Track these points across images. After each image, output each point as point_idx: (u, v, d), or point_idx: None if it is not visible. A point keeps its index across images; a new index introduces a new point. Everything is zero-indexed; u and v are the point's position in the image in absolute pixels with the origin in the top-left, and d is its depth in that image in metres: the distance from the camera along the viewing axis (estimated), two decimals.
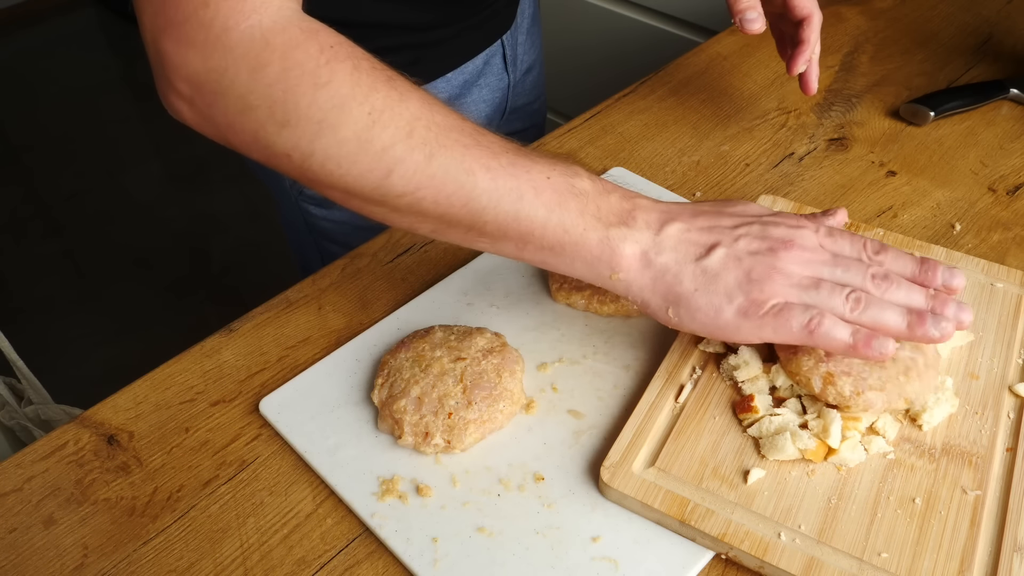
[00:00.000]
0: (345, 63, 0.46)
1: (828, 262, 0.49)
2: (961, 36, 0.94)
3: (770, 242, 0.49)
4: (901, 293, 0.49)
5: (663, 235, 0.50)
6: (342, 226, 0.90)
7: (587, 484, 0.51)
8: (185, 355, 0.62)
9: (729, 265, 0.49)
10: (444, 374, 0.55)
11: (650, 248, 0.49)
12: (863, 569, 0.44)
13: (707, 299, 0.48)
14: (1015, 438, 0.50)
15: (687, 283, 0.49)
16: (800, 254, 0.49)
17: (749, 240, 0.50)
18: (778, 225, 0.51)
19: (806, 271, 0.49)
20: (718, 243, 0.50)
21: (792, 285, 0.48)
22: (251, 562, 0.49)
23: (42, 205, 2.50)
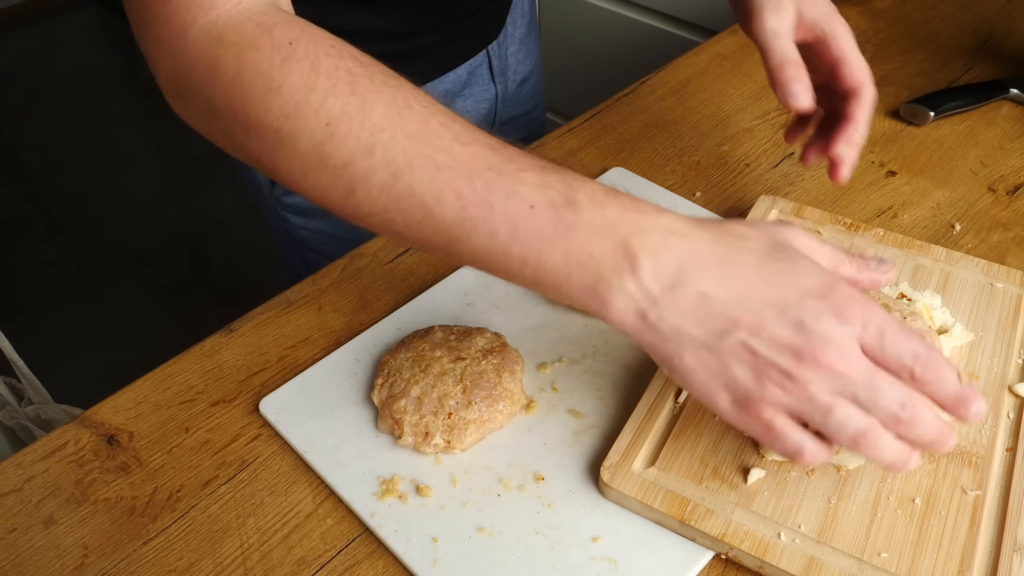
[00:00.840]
0: (302, 63, 0.42)
1: (858, 382, 0.39)
2: (961, 36, 0.94)
3: (801, 342, 0.39)
4: (922, 429, 0.40)
5: (675, 294, 0.40)
6: (320, 235, 0.87)
7: (587, 484, 0.51)
8: (185, 355, 0.62)
9: (742, 356, 0.40)
10: (444, 374, 0.55)
11: (649, 308, 0.40)
12: (863, 569, 0.44)
13: (705, 381, 0.41)
14: (1015, 438, 0.50)
15: (688, 360, 0.41)
16: (829, 370, 0.39)
17: (776, 328, 0.39)
18: (819, 317, 0.39)
19: (823, 394, 0.39)
20: (737, 325, 0.40)
21: (801, 401, 0.39)
22: (251, 562, 0.49)
23: (42, 205, 2.50)
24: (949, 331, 0.56)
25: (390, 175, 0.41)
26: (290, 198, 0.84)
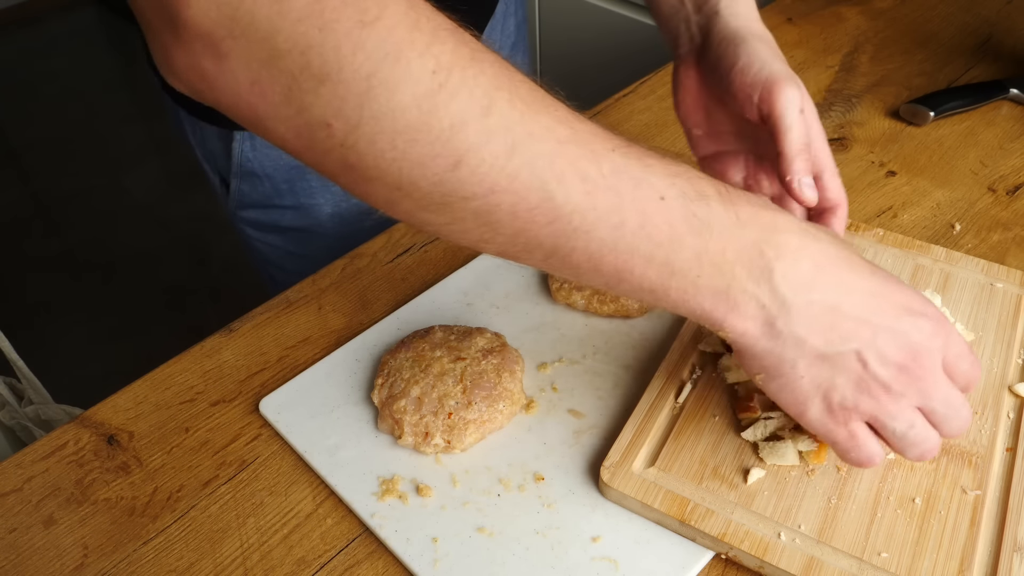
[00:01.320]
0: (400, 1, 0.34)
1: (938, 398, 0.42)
2: (961, 36, 0.94)
3: (905, 358, 0.41)
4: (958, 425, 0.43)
5: (805, 302, 0.39)
6: (276, 250, 0.86)
7: (587, 484, 0.51)
8: (185, 355, 0.62)
9: (852, 367, 0.40)
10: (444, 374, 0.55)
11: (779, 316, 0.39)
12: (863, 569, 0.44)
13: (807, 390, 0.41)
14: (1015, 438, 0.50)
15: (801, 368, 0.41)
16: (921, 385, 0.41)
17: (891, 344, 0.41)
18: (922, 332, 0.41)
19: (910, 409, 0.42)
20: (859, 336, 0.40)
21: (888, 413, 0.41)
22: (251, 562, 0.49)
23: (42, 205, 2.50)
24: None
25: (506, 145, 0.35)
26: (246, 212, 0.83)
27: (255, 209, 0.82)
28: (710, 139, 0.55)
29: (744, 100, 0.49)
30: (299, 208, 0.80)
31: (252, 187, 0.80)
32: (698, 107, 0.54)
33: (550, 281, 0.64)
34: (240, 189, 0.80)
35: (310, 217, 0.81)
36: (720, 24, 0.51)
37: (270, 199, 0.80)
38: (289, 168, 0.77)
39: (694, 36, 0.53)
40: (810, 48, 0.94)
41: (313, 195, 0.79)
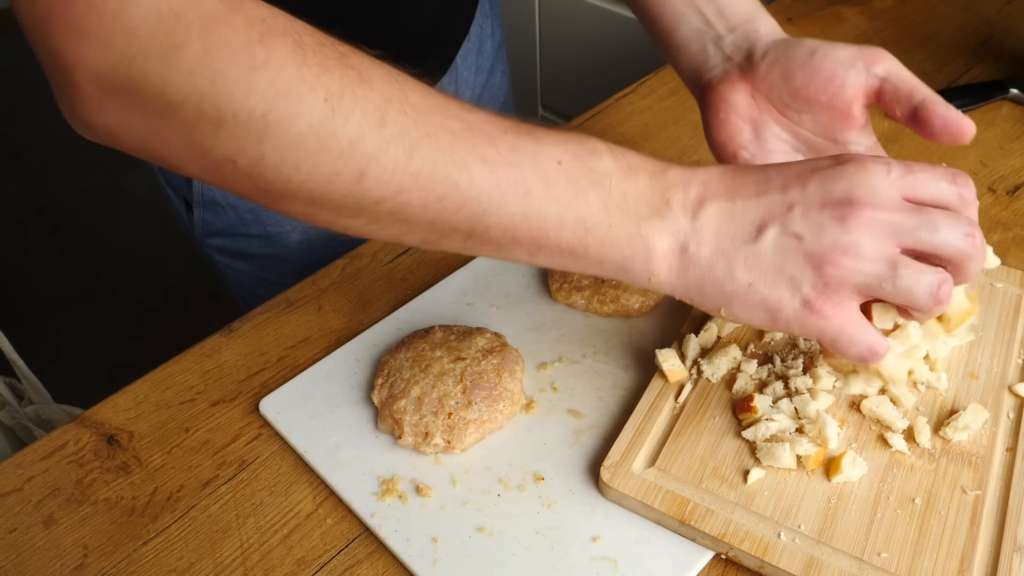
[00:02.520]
0: (284, 38, 0.36)
1: (909, 224, 0.39)
2: (961, 36, 0.94)
3: (833, 206, 0.39)
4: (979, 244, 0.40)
5: (703, 219, 0.41)
6: (245, 276, 0.85)
7: (587, 484, 0.51)
8: (185, 355, 0.62)
9: (786, 248, 0.40)
10: (444, 374, 0.55)
11: (690, 239, 0.41)
12: (863, 569, 0.44)
13: (765, 293, 0.40)
14: (1015, 438, 0.50)
15: (740, 276, 0.41)
16: (873, 216, 0.39)
17: (806, 211, 0.40)
18: (839, 177, 0.40)
19: (881, 246, 0.39)
20: (769, 219, 0.40)
21: (865, 266, 0.39)
22: (251, 562, 0.49)
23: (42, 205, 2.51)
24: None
25: (404, 149, 0.37)
26: (212, 239, 0.81)
27: (221, 237, 0.81)
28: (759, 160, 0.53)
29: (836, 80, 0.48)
30: (266, 236, 0.79)
31: (216, 216, 0.78)
32: (745, 125, 0.52)
33: (550, 281, 0.64)
34: (204, 218, 0.79)
35: (278, 245, 0.80)
36: (764, 33, 0.52)
37: (235, 228, 0.79)
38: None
39: (731, 55, 0.52)
40: None
41: (280, 223, 0.78)
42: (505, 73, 0.95)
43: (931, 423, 0.51)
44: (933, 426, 0.51)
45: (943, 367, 0.54)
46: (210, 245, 0.83)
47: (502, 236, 0.40)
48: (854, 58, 0.48)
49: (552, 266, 0.43)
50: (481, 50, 0.87)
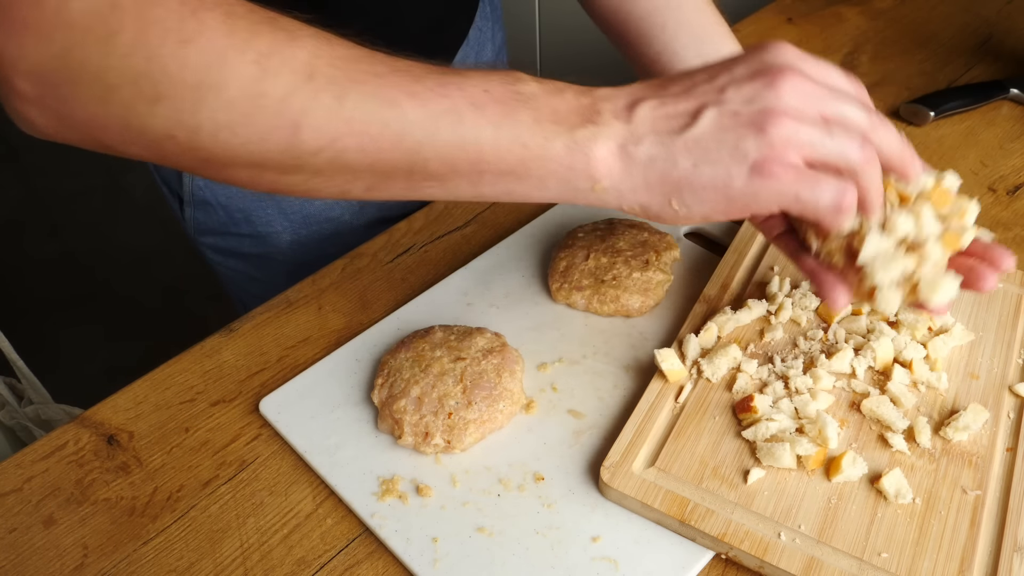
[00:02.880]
0: (214, 11, 0.38)
1: (828, 95, 0.42)
2: (961, 36, 0.94)
3: (763, 78, 0.41)
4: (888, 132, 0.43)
5: (636, 119, 0.42)
6: (238, 274, 0.85)
7: (587, 484, 0.51)
8: (185, 355, 0.62)
9: (725, 123, 0.41)
10: (444, 374, 0.55)
11: (627, 140, 0.41)
12: (863, 569, 0.44)
13: (712, 171, 0.41)
14: (1015, 438, 0.50)
15: (683, 162, 0.41)
16: (801, 83, 0.41)
17: (737, 87, 0.41)
18: (761, 55, 0.42)
19: (812, 105, 0.41)
20: (704, 104, 0.41)
21: (804, 125, 0.40)
22: (251, 562, 0.49)
23: (42, 205, 2.50)
24: (949, 331, 0.56)
25: (335, 97, 0.39)
26: (205, 237, 0.82)
27: (213, 235, 0.81)
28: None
29: None
30: (257, 236, 0.79)
31: (207, 215, 0.79)
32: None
33: (550, 281, 0.64)
34: (195, 217, 0.79)
35: (269, 244, 0.80)
36: None
37: (226, 227, 0.79)
38: (243, 197, 0.76)
39: None
40: (810, 48, 0.93)
41: (271, 223, 0.78)
42: None
43: (931, 423, 0.51)
44: (933, 426, 0.51)
45: (943, 367, 0.55)
46: (203, 243, 0.83)
47: (441, 167, 0.41)
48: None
49: (497, 196, 0.44)
50: (481, 54, 0.87)
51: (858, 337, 0.56)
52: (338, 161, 0.40)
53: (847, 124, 0.41)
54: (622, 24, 0.60)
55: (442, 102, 0.40)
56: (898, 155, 0.43)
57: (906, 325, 0.56)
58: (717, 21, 0.58)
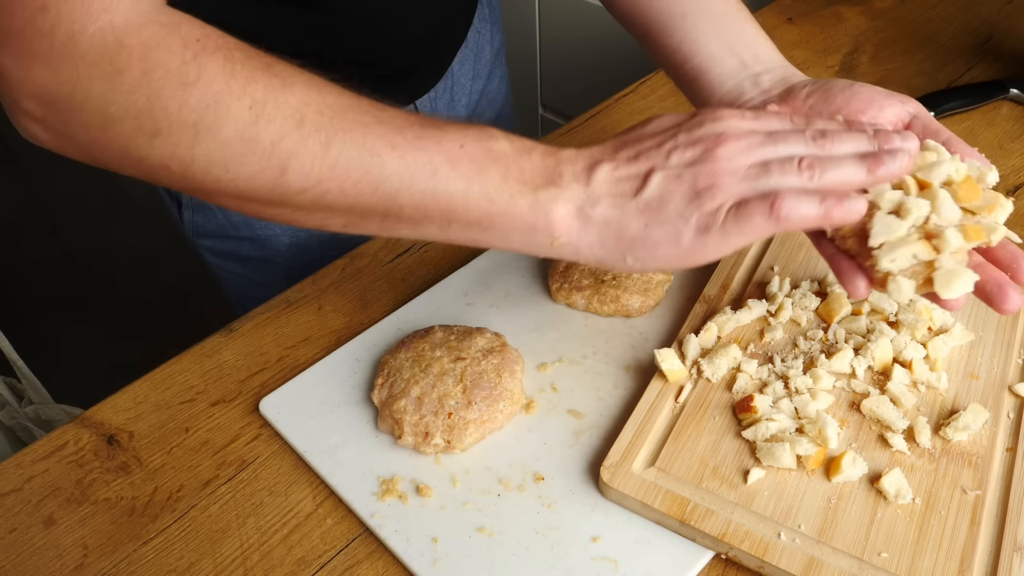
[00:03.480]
0: (215, 55, 0.41)
1: (766, 142, 0.45)
2: (961, 36, 0.94)
3: (702, 145, 0.45)
4: (846, 145, 0.45)
5: (594, 183, 0.45)
6: (236, 277, 0.85)
7: (587, 484, 0.51)
8: (185, 355, 0.62)
9: (671, 186, 0.44)
10: (444, 374, 0.55)
11: (584, 202, 0.45)
12: (863, 569, 0.44)
13: (662, 230, 0.44)
14: (1015, 438, 0.50)
15: (634, 224, 0.45)
16: (736, 144, 0.45)
17: (681, 151, 0.45)
18: (702, 123, 0.46)
19: (749, 159, 0.44)
20: (652, 169, 0.45)
21: (741, 179, 0.44)
22: (251, 562, 0.49)
23: (42, 205, 2.50)
24: (949, 331, 0.56)
25: (321, 143, 0.42)
26: (203, 240, 0.82)
27: (211, 238, 0.81)
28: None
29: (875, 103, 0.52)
30: (255, 239, 0.79)
31: (205, 218, 0.79)
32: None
33: (550, 281, 0.64)
34: (194, 220, 0.80)
35: (268, 247, 0.80)
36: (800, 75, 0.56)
37: (224, 230, 0.79)
38: None
39: (769, 88, 0.55)
40: (810, 48, 0.94)
41: (269, 226, 0.78)
42: (504, 78, 0.94)
43: (931, 423, 0.51)
44: (933, 426, 0.51)
45: (943, 367, 0.55)
46: (201, 245, 0.83)
47: (415, 213, 0.44)
48: (892, 93, 0.52)
49: (463, 241, 0.47)
50: (479, 56, 0.87)
51: (858, 337, 0.56)
52: (320, 201, 0.43)
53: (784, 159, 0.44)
54: (642, 16, 0.61)
55: (420, 155, 0.43)
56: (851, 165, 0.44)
57: (906, 325, 0.56)
58: (737, 7, 0.58)
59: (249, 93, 0.41)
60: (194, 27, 0.42)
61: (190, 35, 0.41)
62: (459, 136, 0.45)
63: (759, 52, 0.57)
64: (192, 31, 0.41)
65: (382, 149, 0.43)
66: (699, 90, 0.58)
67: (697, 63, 0.57)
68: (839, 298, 0.58)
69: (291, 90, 0.42)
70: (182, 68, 0.40)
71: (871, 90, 0.52)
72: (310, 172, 0.42)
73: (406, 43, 0.73)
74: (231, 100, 0.40)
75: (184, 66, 0.40)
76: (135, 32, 0.40)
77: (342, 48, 0.67)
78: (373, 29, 0.69)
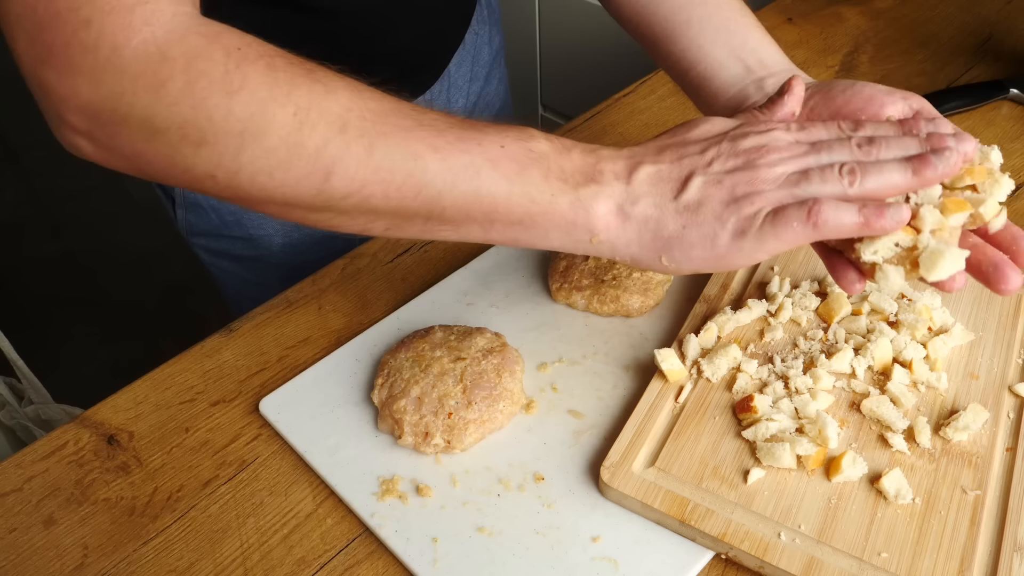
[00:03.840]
0: (257, 63, 0.41)
1: (809, 152, 0.45)
2: (961, 36, 0.94)
3: (745, 155, 0.45)
4: (893, 149, 0.45)
5: (635, 182, 0.46)
6: (232, 276, 0.86)
7: (587, 484, 0.51)
8: (185, 355, 0.62)
9: (710, 191, 0.45)
10: (444, 374, 0.55)
11: (624, 200, 0.45)
12: (863, 569, 0.44)
13: (698, 232, 0.45)
14: (1015, 438, 0.50)
15: (672, 224, 0.45)
16: (778, 155, 0.45)
17: (723, 159, 0.46)
18: (747, 135, 0.46)
19: (790, 168, 0.45)
20: (692, 172, 0.45)
21: (780, 187, 0.44)
22: (251, 562, 0.49)
23: (42, 205, 2.50)
24: (949, 331, 0.56)
25: (365, 148, 0.42)
26: (197, 239, 0.82)
27: (206, 237, 0.82)
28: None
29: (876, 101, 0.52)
30: (249, 239, 0.80)
31: (199, 218, 0.79)
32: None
33: (550, 281, 0.64)
34: (187, 219, 0.80)
35: (261, 247, 0.80)
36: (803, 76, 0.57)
37: (218, 229, 0.80)
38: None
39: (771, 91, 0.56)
40: (810, 48, 0.94)
41: (263, 226, 0.79)
42: (503, 80, 0.94)
43: (931, 423, 0.51)
44: (933, 426, 0.51)
45: (943, 367, 0.55)
46: (196, 244, 0.83)
47: (457, 214, 0.45)
48: (892, 90, 0.52)
49: (504, 241, 0.47)
50: (477, 58, 0.87)
51: (858, 337, 0.56)
52: (364, 205, 0.44)
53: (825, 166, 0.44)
54: (647, 25, 0.61)
55: (462, 157, 0.43)
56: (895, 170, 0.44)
57: (906, 325, 0.56)
58: (742, 12, 0.59)
59: (293, 100, 0.41)
60: (234, 36, 0.42)
61: (231, 44, 0.41)
62: (499, 137, 0.45)
63: (763, 57, 0.57)
64: (233, 40, 0.42)
65: (424, 152, 0.43)
66: (704, 96, 0.58)
67: (702, 70, 0.58)
68: (839, 298, 0.58)
69: (334, 96, 0.42)
70: (225, 77, 0.40)
71: (872, 88, 0.52)
72: (354, 176, 0.42)
73: (400, 46, 0.73)
74: (275, 107, 0.41)
75: (227, 75, 0.40)
76: (177, 43, 0.41)
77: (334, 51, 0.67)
78: (366, 32, 0.69)
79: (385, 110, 0.43)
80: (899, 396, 0.52)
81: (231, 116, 0.40)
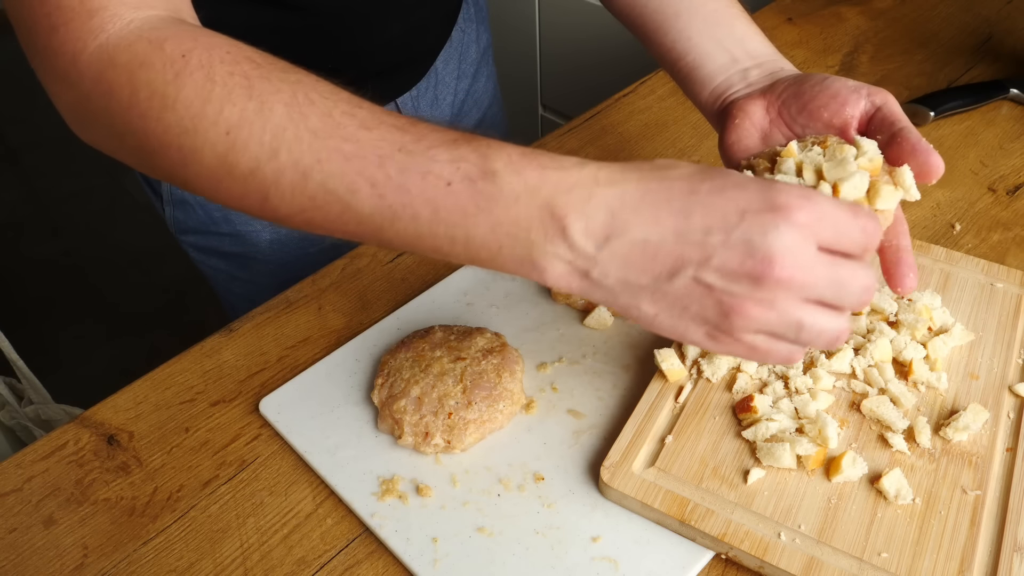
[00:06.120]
0: (195, 75, 0.40)
1: (821, 285, 0.38)
2: (961, 36, 0.94)
3: (752, 261, 0.37)
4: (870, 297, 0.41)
5: (609, 250, 0.39)
6: (221, 273, 0.86)
7: (587, 484, 0.51)
8: (185, 355, 0.62)
9: (696, 294, 0.39)
10: (444, 374, 0.55)
11: (590, 267, 0.39)
12: (863, 569, 0.44)
13: (671, 323, 0.40)
14: (1015, 438, 0.50)
15: (645, 308, 0.40)
16: (790, 283, 0.38)
17: (724, 256, 0.38)
18: (767, 231, 0.37)
19: (790, 310, 0.38)
20: (684, 262, 0.38)
21: (770, 322, 0.39)
22: (251, 562, 0.49)
23: (42, 205, 2.50)
24: (949, 331, 0.56)
25: (299, 175, 0.40)
26: (186, 236, 0.83)
27: (194, 234, 0.82)
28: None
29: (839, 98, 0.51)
30: (236, 235, 0.80)
31: (186, 214, 0.79)
32: (755, 131, 0.55)
33: None
34: (175, 216, 0.80)
35: (249, 244, 0.80)
36: (787, 68, 0.57)
37: (206, 226, 0.80)
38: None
39: (754, 82, 0.56)
40: (810, 48, 0.94)
41: (250, 222, 0.79)
42: (491, 77, 0.95)
43: (931, 423, 0.51)
44: (933, 426, 0.51)
45: (943, 367, 0.55)
46: (185, 242, 0.84)
47: (403, 245, 0.42)
48: (859, 87, 0.51)
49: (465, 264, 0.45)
50: (464, 55, 0.87)
51: (858, 337, 0.56)
52: (309, 226, 0.43)
53: (820, 331, 0.40)
54: (638, 18, 0.62)
55: (401, 196, 0.40)
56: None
57: (906, 325, 0.56)
58: (729, 4, 0.59)
59: (224, 118, 0.40)
60: (182, 40, 0.41)
61: (175, 51, 0.40)
62: (449, 169, 0.39)
63: (749, 48, 0.57)
64: (179, 46, 0.41)
65: (361, 186, 0.40)
66: (693, 84, 0.59)
67: (690, 60, 0.58)
68: None
69: (269, 115, 0.40)
70: (163, 89, 0.40)
71: (840, 84, 0.51)
72: (291, 202, 0.41)
73: (382, 43, 0.73)
74: (207, 125, 0.40)
75: (165, 87, 0.40)
76: (125, 49, 0.41)
77: (318, 48, 0.68)
78: (346, 30, 0.69)
79: (326, 130, 0.40)
80: (899, 396, 0.52)
81: (169, 131, 0.40)
